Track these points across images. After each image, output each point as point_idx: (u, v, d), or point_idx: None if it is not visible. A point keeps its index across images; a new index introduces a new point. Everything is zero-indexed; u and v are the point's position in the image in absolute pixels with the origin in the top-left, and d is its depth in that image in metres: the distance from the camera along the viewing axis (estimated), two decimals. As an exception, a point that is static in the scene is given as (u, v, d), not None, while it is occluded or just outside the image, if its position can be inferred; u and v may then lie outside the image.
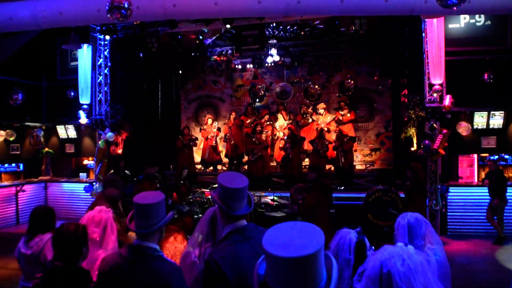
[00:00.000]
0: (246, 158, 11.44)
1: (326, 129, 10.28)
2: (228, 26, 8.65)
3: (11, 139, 10.22)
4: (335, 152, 9.85)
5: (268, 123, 10.96)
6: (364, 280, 1.82)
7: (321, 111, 11.20)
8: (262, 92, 11.84)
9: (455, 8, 4.26)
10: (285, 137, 10.45)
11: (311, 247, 1.14)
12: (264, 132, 10.05)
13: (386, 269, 1.76)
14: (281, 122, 10.84)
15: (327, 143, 9.70)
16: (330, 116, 11.42)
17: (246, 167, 11.20)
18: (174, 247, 4.83)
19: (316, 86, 11.67)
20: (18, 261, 3.05)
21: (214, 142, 10.93)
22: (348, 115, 10.56)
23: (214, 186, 8.32)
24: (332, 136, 10.61)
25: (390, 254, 1.80)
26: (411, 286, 1.70)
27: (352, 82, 11.13)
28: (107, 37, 9.59)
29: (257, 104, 12.18)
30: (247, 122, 11.14)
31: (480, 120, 8.57)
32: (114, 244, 2.68)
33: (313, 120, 11.05)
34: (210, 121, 11.21)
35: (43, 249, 2.89)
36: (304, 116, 11.01)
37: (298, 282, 1.15)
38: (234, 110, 12.30)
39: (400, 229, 2.53)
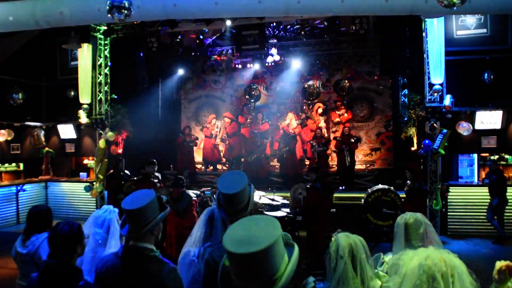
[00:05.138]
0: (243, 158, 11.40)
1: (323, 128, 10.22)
2: (229, 23, 8.65)
3: (10, 138, 10.21)
4: (336, 151, 9.82)
5: (263, 121, 10.90)
6: None
7: (320, 110, 11.15)
8: (258, 92, 11.80)
9: (455, 8, 4.26)
10: (278, 138, 10.44)
11: (266, 241, 1.29)
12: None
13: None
14: (291, 122, 10.67)
15: (324, 142, 9.68)
16: (325, 116, 11.36)
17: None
18: None
19: (316, 85, 11.64)
20: (14, 260, 3.04)
21: (216, 141, 10.93)
22: (346, 114, 10.54)
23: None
24: (331, 136, 10.58)
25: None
26: None
27: (347, 81, 11.12)
28: (103, 35, 9.56)
29: (257, 104, 12.15)
30: (242, 122, 11.09)
31: (480, 119, 8.56)
32: (116, 246, 2.69)
33: (307, 118, 10.92)
34: (214, 120, 11.19)
35: (38, 249, 2.87)
36: (305, 117, 10.96)
37: (252, 273, 1.32)
38: (228, 110, 12.29)
39: (398, 229, 2.53)
